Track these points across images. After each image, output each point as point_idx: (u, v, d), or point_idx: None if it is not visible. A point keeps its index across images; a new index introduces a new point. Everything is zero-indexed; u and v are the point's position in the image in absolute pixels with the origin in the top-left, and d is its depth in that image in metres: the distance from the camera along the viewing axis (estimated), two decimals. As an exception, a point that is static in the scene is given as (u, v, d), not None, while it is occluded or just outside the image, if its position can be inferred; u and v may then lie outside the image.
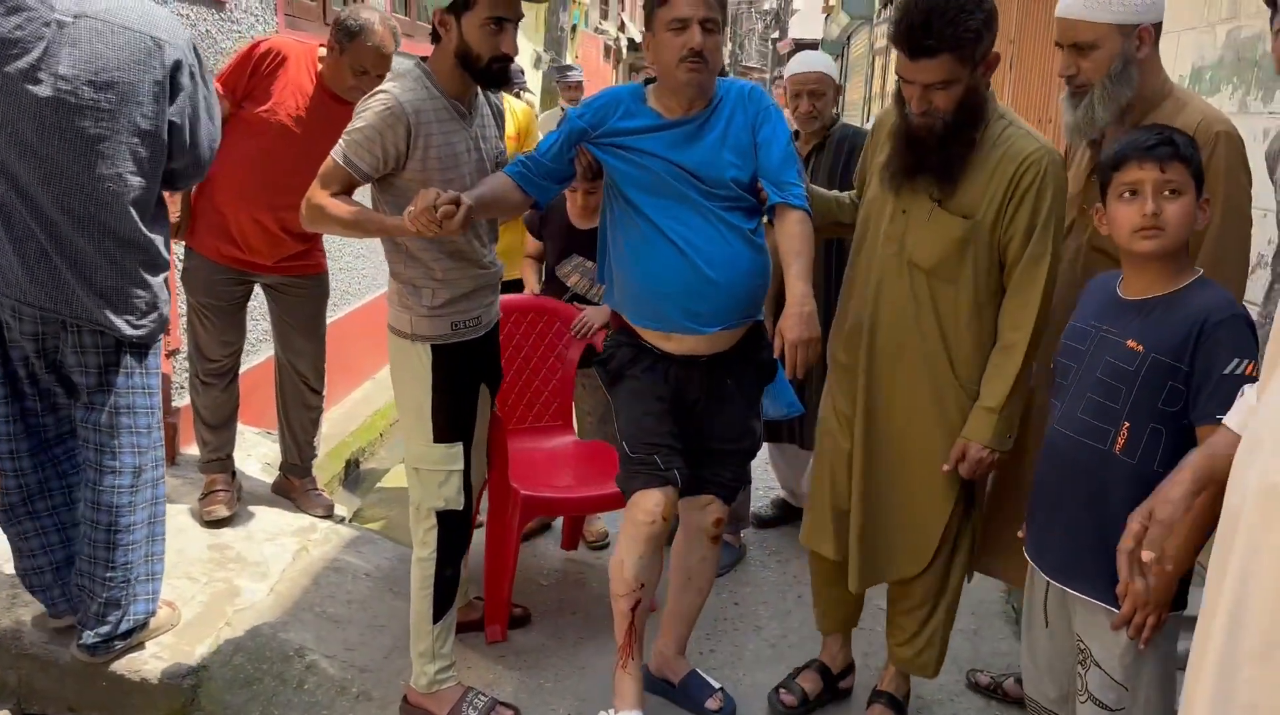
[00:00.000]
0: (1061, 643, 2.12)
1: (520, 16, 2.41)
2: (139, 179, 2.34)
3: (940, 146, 2.25)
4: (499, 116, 2.68)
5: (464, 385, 2.60)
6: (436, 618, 2.60)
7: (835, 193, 2.68)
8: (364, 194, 2.46)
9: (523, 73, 5.98)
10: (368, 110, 2.35)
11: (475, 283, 2.54)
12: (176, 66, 2.35)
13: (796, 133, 3.61)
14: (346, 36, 3.12)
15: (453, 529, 2.60)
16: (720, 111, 2.44)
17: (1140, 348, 1.90)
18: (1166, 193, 1.90)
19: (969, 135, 2.25)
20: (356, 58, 3.13)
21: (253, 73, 3.20)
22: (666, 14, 2.35)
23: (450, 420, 2.56)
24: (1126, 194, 1.93)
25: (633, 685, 2.63)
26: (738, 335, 2.54)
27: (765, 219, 2.51)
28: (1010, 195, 2.24)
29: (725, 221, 2.43)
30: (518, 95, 5.10)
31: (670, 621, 2.80)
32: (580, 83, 7.01)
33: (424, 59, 2.46)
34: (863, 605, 2.81)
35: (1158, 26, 2.28)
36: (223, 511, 3.34)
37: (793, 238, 2.37)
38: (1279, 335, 1.44)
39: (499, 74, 2.42)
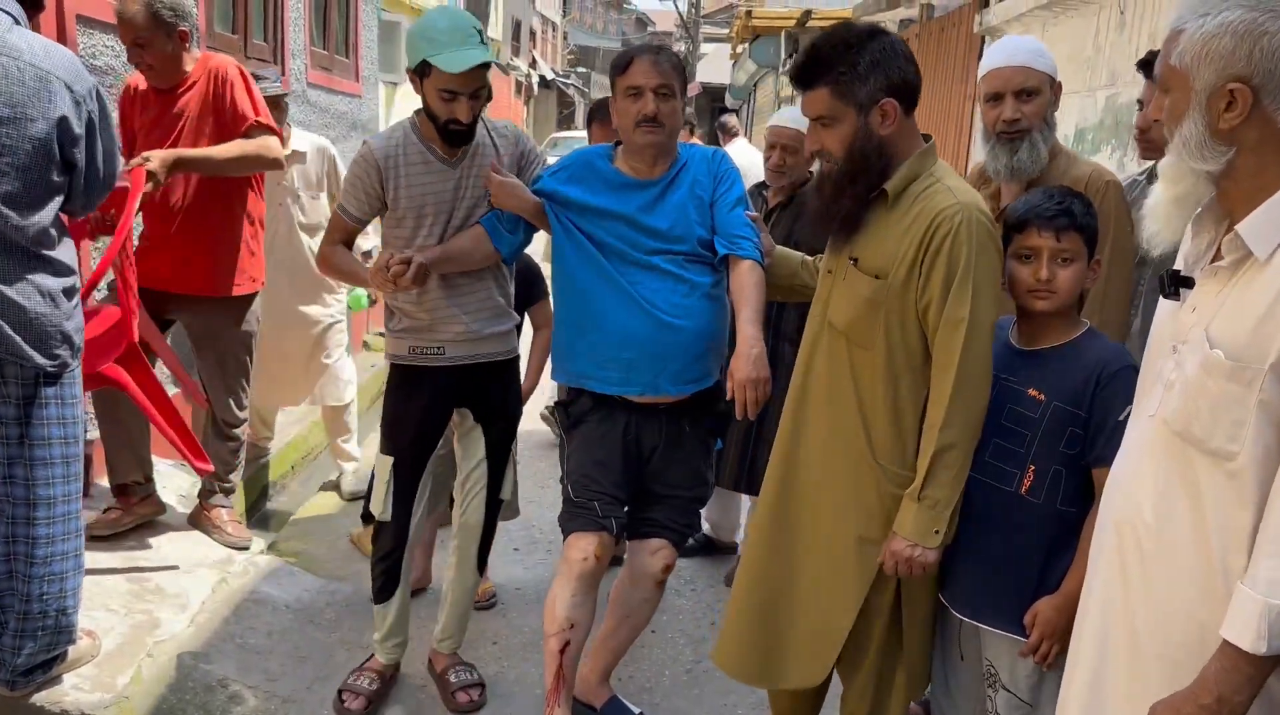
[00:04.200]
0: (972, 669, 2.23)
1: (470, 92, 2.55)
2: (36, 214, 2.34)
3: (834, 195, 2.14)
4: (505, 152, 2.77)
5: (417, 407, 2.77)
6: (375, 601, 2.92)
7: (802, 254, 2.69)
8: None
9: None
10: (352, 161, 2.68)
11: (432, 317, 2.71)
12: (77, 107, 2.36)
13: (765, 184, 3.71)
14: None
15: (380, 535, 2.86)
16: (684, 174, 2.60)
17: (1042, 397, 2.05)
18: (1060, 260, 2.06)
19: (865, 184, 2.11)
20: (121, 37, 3.23)
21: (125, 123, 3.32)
22: (623, 82, 2.54)
23: (391, 434, 2.81)
24: (1024, 257, 2.10)
25: None
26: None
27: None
28: (922, 255, 2.06)
29: (683, 278, 2.56)
30: None
31: (598, 650, 2.86)
32: (279, 97, 4.12)
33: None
34: (821, 704, 2.53)
35: None
36: (103, 529, 3.37)
37: (742, 286, 2.48)
38: (1141, 391, 1.62)
39: (454, 134, 2.59)
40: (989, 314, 2.05)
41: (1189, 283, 1.51)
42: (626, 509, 2.69)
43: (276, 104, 4.12)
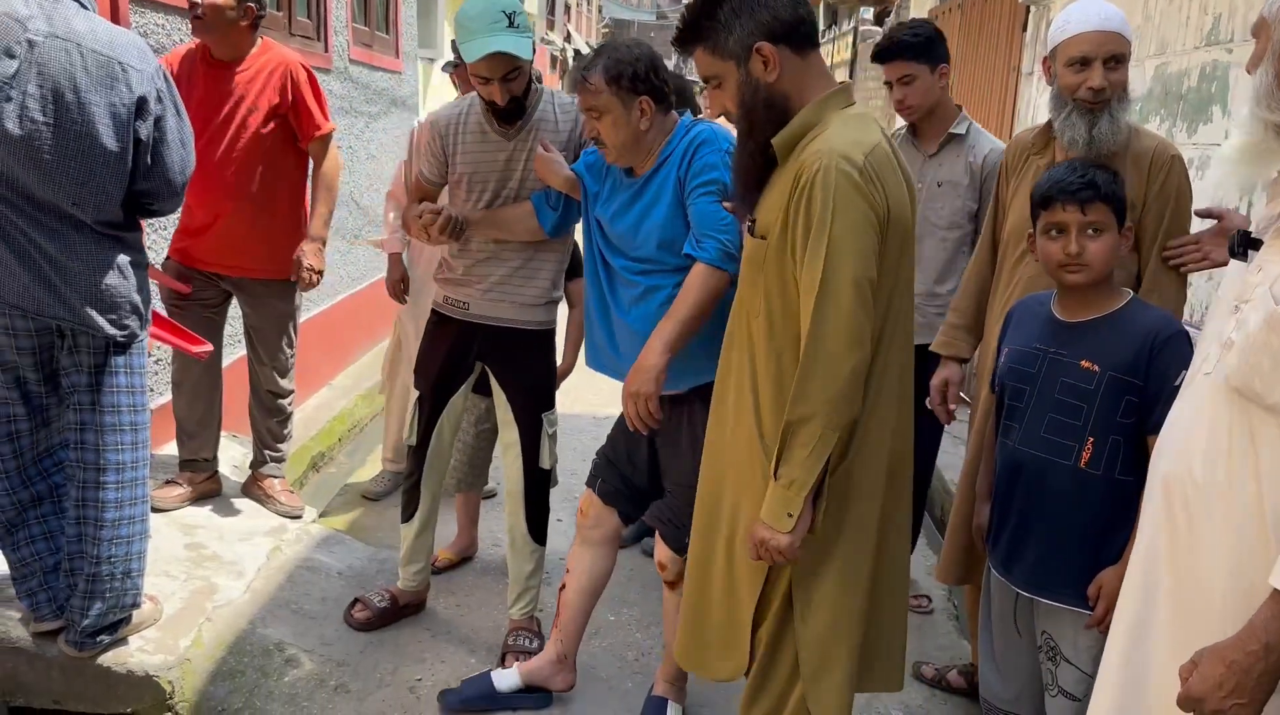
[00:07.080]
0: (1026, 643, 2.23)
1: (499, 76, 2.65)
2: (103, 196, 2.39)
3: (737, 153, 2.04)
4: (564, 127, 2.84)
5: (440, 351, 3.00)
6: (402, 520, 3.16)
7: None
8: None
9: None
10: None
11: (464, 273, 2.95)
12: (143, 93, 2.39)
13: None
14: None
15: (409, 459, 3.12)
16: (659, 173, 2.51)
17: (1096, 368, 2.04)
18: (1089, 232, 2.06)
19: (760, 138, 1.96)
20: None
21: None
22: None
23: (417, 370, 3.07)
24: (1053, 232, 2.10)
25: (537, 660, 2.82)
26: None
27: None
28: (789, 209, 1.88)
29: (639, 284, 2.52)
30: None
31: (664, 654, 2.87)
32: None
33: None
34: None
35: None
36: (170, 503, 3.48)
37: (683, 289, 2.37)
38: (1198, 353, 1.63)
39: (500, 113, 2.75)
40: (849, 273, 1.81)
41: (1257, 244, 1.53)
42: (628, 479, 2.71)
43: None
